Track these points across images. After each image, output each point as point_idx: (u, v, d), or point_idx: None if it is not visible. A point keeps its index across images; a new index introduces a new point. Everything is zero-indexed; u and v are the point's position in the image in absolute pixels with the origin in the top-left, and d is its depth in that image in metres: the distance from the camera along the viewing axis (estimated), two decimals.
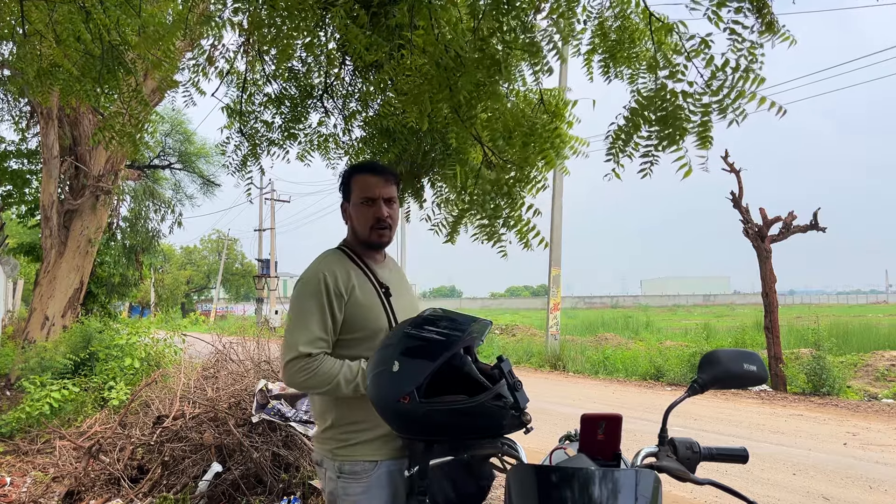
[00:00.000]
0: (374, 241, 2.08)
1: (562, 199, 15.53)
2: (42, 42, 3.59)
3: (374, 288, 2.03)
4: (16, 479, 5.21)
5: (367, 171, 2.10)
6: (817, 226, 11.13)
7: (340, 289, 1.95)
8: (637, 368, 13.25)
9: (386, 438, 1.93)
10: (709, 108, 2.42)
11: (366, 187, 2.06)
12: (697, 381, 1.60)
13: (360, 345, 1.98)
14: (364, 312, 1.98)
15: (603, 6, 2.88)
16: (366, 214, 2.05)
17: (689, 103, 2.46)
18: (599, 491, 1.26)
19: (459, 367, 1.54)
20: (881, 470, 5.98)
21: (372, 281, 2.04)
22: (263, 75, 3.87)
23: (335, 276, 1.97)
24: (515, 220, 3.30)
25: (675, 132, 2.46)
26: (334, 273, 1.97)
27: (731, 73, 2.33)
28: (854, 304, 64.80)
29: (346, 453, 1.96)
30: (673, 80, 2.49)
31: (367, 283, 2.03)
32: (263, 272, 34.42)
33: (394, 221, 2.09)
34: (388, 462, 1.94)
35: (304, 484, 4.11)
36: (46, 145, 9.85)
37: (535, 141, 3.18)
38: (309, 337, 1.91)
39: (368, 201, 2.05)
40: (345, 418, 1.97)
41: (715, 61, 2.37)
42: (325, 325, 1.93)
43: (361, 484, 1.92)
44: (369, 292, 2.01)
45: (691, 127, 2.46)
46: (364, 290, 2.00)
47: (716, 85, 2.38)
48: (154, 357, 8.44)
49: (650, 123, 2.54)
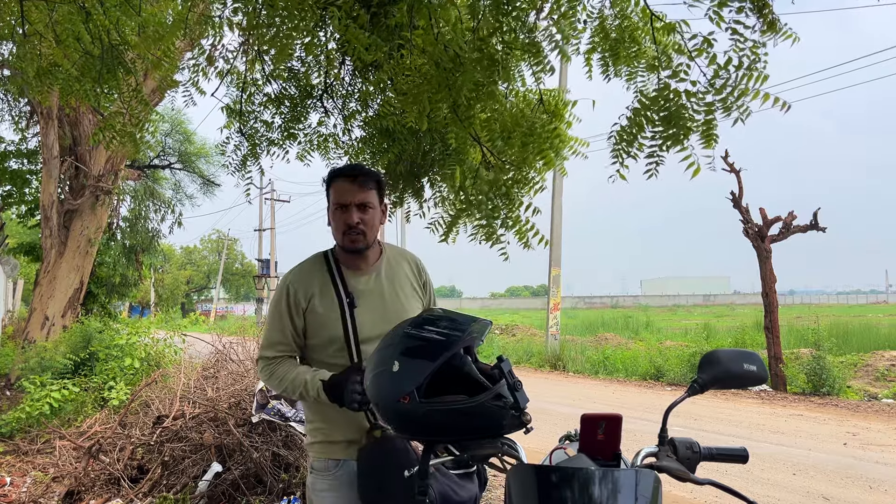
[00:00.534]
0: (347, 247, 2.09)
1: (562, 199, 15.54)
2: (42, 42, 3.59)
3: (336, 297, 2.07)
4: (16, 479, 5.21)
5: (343, 176, 2.11)
6: (817, 226, 11.13)
7: (300, 298, 2.07)
8: (637, 368, 13.25)
9: (351, 441, 2.03)
10: (712, 106, 2.41)
11: (339, 193, 2.08)
12: (697, 381, 1.60)
13: (321, 350, 2.08)
14: (320, 320, 2.06)
15: (604, 5, 2.88)
16: (338, 220, 2.08)
17: (692, 102, 2.45)
18: (599, 491, 1.25)
19: (459, 367, 1.54)
20: (881, 470, 5.98)
21: (338, 290, 2.08)
22: (263, 75, 3.87)
23: (296, 285, 2.10)
24: (514, 221, 3.30)
25: (680, 132, 2.45)
26: (297, 283, 2.10)
27: (735, 71, 2.33)
28: (854, 304, 64.82)
29: (315, 450, 2.12)
30: (676, 80, 2.48)
31: (330, 293, 2.08)
32: (263, 272, 34.43)
33: (368, 227, 2.07)
34: (353, 462, 2.01)
35: (304, 484, 4.11)
36: (46, 145, 9.85)
37: (534, 141, 3.17)
38: (270, 341, 2.11)
39: (341, 207, 2.07)
40: (312, 417, 2.14)
41: (718, 60, 2.37)
42: (285, 330, 2.08)
43: (327, 480, 2.05)
44: (329, 302, 2.07)
45: (695, 126, 2.45)
46: (325, 299, 2.07)
47: (719, 83, 2.37)
48: (154, 357, 8.45)
49: (654, 124, 2.53)
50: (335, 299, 2.07)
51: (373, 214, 2.09)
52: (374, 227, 2.11)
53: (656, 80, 2.65)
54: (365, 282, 2.13)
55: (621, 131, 2.60)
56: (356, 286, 2.11)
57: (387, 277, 2.17)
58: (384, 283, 2.15)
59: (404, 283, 2.20)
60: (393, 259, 2.24)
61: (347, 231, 2.06)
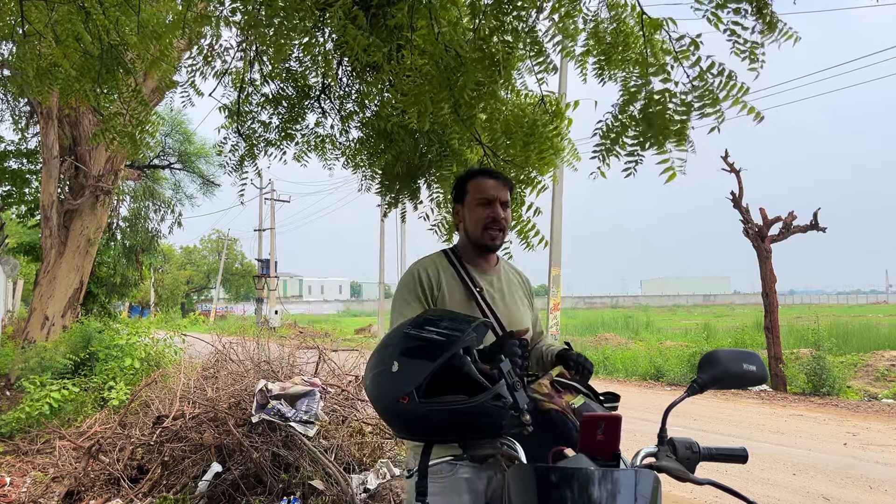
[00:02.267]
0: (486, 243, 2.12)
1: (562, 200, 15.52)
2: (42, 42, 3.59)
3: (463, 287, 2.08)
4: (16, 479, 5.20)
5: (485, 174, 2.18)
6: (817, 226, 11.13)
7: (432, 283, 2.08)
8: (637, 368, 13.25)
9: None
10: (690, 107, 2.43)
11: (483, 188, 2.12)
12: (697, 381, 1.60)
13: None
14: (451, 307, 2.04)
15: (600, 8, 2.88)
16: (481, 214, 2.11)
17: (673, 103, 2.47)
18: (599, 491, 1.25)
19: (459, 367, 1.54)
20: (881, 470, 5.98)
21: (465, 282, 2.09)
22: (261, 75, 3.87)
23: (426, 270, 2.10)
24: (516, 221, 3.30)
25: (659, 134, 2.47)
26: (426, 269, 2.11)
27: (714, 78, 2.35)
28: (854, 304, 64.82)
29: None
30: (659, 79, 2.50)
31: (458, 284, 2.09)
32: (263, 272, 34.40)
33: (507, 224, 2.14)
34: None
35: (304, 484, 4.11)
36: (46, 145, 9.85)
37: (534, 141, 3.18)
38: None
39: (485, 202, 2.10)
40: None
41: (701, 63, 2.38)
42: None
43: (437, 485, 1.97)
44: (458, 292, 2.07)
45: (674, 127, 2.47)
46: (452, 290, 2.08)
47: (699, 87, 2.40)
48: (154, 357, 8.44)
49: (636, 123, 2.55)
50: (464, 290, 2.09)
51: (510, 213, 2.16)
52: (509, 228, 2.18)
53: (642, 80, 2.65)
54: (488, 281, 2.17)
55: (606, 129, 2.62)
56: (481, 283, 2.14)
57: (505, 281, 2.22)
58: (504, 286, 2.19)
59: (519, 292, 2.25)
60: (508, 269, 2.30)
61: (491, 225, 2.10)
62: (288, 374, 5.23)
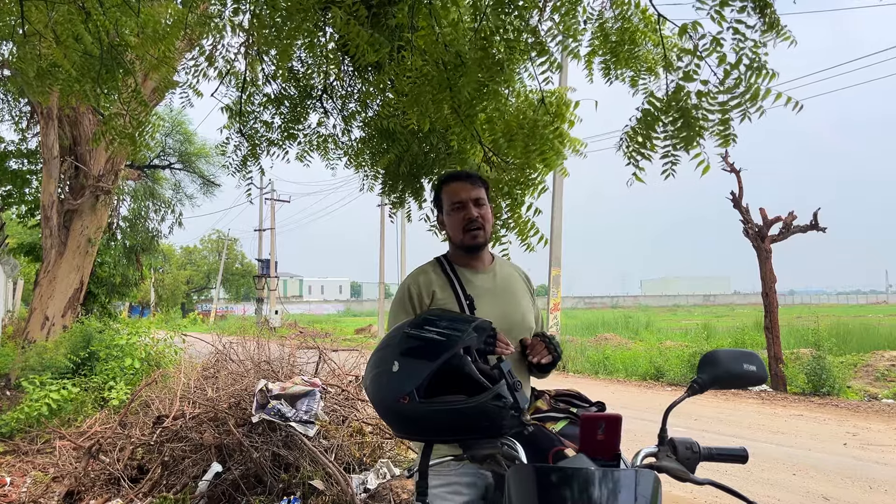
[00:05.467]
0: (469, 243, 2.15)
1: (562, 200, 15.52)
2: (42, 42, 3.59)
3: (455, 299, 2.11)
4: (16, 479, 5.20)
5: (453, 179, 2.22)
6: (817, 226, 11.12)
7: (423, 295, 2.12)
8: (637, 368, 13.25)
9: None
10: (726, 105, 2.42)
11: (454, 193, 2.17)
12: (697, 382, 1.60)
13: None
14: None
15: (604, 7, 2.87)
16: (457, 218, 2.15)
17: (705, 101, 2.46)
18: (599, 491, 1.25)
19: (459, 367, 1.53)
20: (881, 470, 5.98)
21: (456, 292, 2.12)
22: (263, 75, 3.87)
23: (418, 285, 2.15)
24: (516, 221, 3.30)
25: (692, 133, 2.46)
26: (417, 283, 2.16)
27: (745, 71, 2.34)
28: (854, 304, 64.82)
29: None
30: (687, 81, 2.49)
31: (450, 295, 2.12)
32: (263, 272, 34.40)
33: (485, 220, 2.17)
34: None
35: (304, 484, 4.11)
36: (46, 145, 9.85)
37: (535, 142, 3.18)
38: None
39: (459, 205, 2.15)
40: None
41: (728, 60, 2.37)
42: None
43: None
44: (449, 301, 2.11)
45: (710, 126, 2.47)
46: (446, 300, 2.11)
47: (730, 83, 2.38)
48: (154, 357, 8.44)
49: (664, 125, 2.53)
50: (455, 300, 2.12)
51: (487, 210, 2.19)
52: (490, 222, 2.20)
53: (664, 82, 2.64)
54: (482, 279, 2.19)
55: (632, 133, 2.60)
56: (475, 283, 2.17)
57: (502, 277, 2.25)
58: (501, 282, 2.22)
59: (518, 286, 2.28)
60: (504, 265, 2.33)
61: (468, 226, 2.14)
62: (288, 374, 5.23)
